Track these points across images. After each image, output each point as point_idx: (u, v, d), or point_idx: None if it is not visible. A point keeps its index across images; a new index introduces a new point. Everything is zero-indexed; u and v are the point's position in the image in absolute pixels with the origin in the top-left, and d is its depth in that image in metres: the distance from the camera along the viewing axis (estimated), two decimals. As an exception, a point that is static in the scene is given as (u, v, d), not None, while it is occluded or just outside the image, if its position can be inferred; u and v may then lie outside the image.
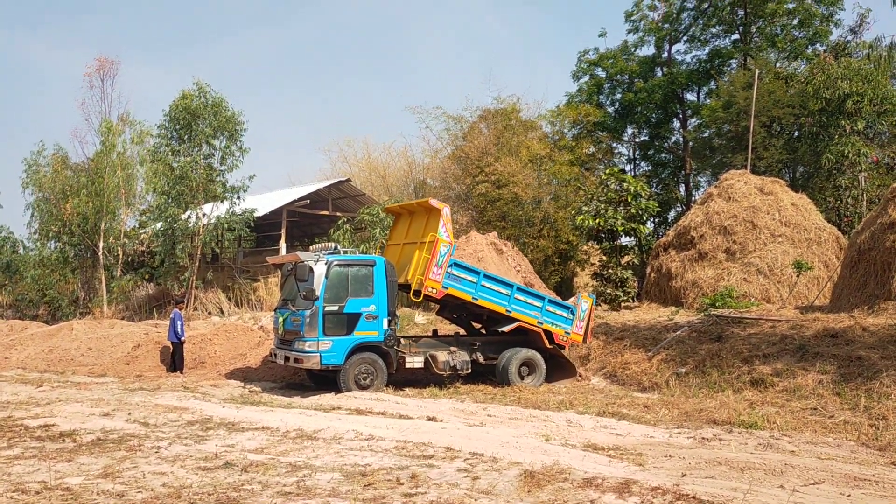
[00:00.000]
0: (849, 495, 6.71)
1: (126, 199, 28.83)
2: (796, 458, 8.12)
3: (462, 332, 16.28)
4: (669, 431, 9.80)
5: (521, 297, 14.76)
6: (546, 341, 14.79)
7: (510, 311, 14.49)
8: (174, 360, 16.75)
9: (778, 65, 33.16)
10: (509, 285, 14.81)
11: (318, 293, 13.12)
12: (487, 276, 14.63)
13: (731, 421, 10.40)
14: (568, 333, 15.07)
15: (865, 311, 15.08)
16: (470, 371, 14.57)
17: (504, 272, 20.52)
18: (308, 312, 13.16)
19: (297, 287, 13.40)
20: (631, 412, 11.33)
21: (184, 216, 24.79)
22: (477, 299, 14.22)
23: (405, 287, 14.32)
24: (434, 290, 13.72)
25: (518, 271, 23.11)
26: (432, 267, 13.61)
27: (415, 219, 15.24)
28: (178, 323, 16.62)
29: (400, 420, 10.58)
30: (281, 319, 14.06)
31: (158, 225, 26.06)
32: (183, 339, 16.69)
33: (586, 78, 38.29)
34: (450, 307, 15.84)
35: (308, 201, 30.29)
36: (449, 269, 13.86)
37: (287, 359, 13.61)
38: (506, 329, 14.69)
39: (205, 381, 15.28)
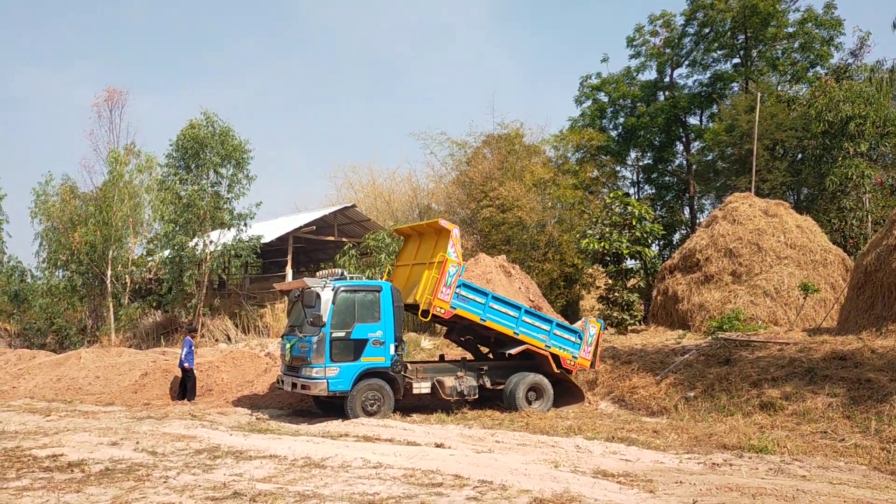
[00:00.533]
0: (861, 521, 6.68)
1: (134, 228, 28.98)
2: (808, 483, 8.07)
3: (469, 356, 16.25)
4: (679, 457, 9.76)
5: (529, 320, 14.76)
6: (553, 365, 14.77)
7: (518, 334, 14.48)
8: (183, 387, 16.72)
9: (779, 88, 33.34)
10: (517, 307, 14.81)
11: (325, 319, 13.15)
12: (496, 298, 14.65)
13: (741, 445, 10.35)
14: (576, 358, 15.07)
15: (874, 333, 15.03)
16: (477, 396, 14.54)
17: (512, 295, 20.54)
18: (315, 339, 13.18)
19: (305, 313, 13.43)
20: (640, 437, 11.28)
21: (191, 243, 24.93)
22: (485, 321, 14.23)
23: (413, 307, 14.32)
24: (442, 311, 13.74)
25: (526, 294, 23.13)
26: (441, 287, 13.64)
27: (424, 240, 15.30)
28: (184, 350, 16.60)
29: (408, 447, 10.55)
30: (288, 346, 14.08)
31: (166, 252, 26.18)
32: (186, 365, 16.56)
33: (589, 102, 38.53)
34: (457, 329, 15.84)
35: (314, 227, 30.42)
36: (457, 290, 13.89)
37: (294, 385, 13.62)
38: (513, 351, 14.68)
39: (212, 408, 15.27)
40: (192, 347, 16.79)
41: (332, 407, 14.06)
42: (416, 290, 14.20)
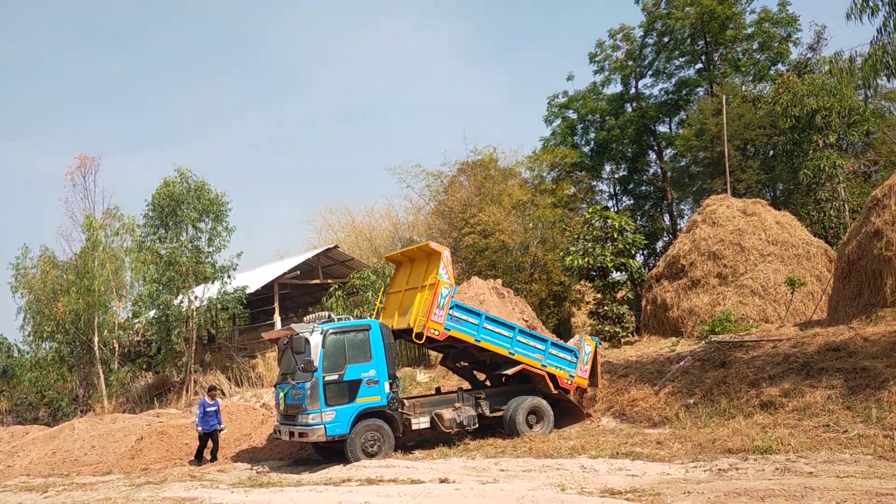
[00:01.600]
0: (872, 513, 6.64)
1: (117, 291, 28.69)
2: (815, 479, 8.03)
3: (466, 385, 16.15)
4: (685, 466, 9.70)
5: (524, 340, 14.70)
6: (551, 385, 14.70)
7: (513, 354, 14.42)
8: (201, 449, 15.87)
9: (744, 88, 33.85)
10: (511, 327, 14.77)
11: (316, 364, 13.03)
12: (489, 319, 14.61)
13: (745, 448, 10.31)
14: (572, 377, 15.01)
15: (864, 321, 15.10)
16: (477, 425, 14.42)
17: (506, 316, 20.49)
18: (308, 384, 13.05)
19: (295, 360, 13.31)
20: (644, 450, 11.21)
21: (176, 301, 24.72)
22: (479, 341, 14.17)
23: (407, 332, 14.23)
24: (436, 332, 13.66)
25: (521, 316, 23.10)
26: (434, 309, 13.59)
27: (415, 265, 15.27)
28: (199, 411, 15.78)
29: (412, 485, 10.42)
30: (282, 395, 13.92)
31: (152, 313, 25.93)
32: (199, 429, 15.74)
33: (559, 121, 38.90)
34: (452, 354, 15.74)
35: (298, 272, 30.27)
36: (451, 312, 13.85)
37: (292, 434, 13.44)
38: (509, 372, 14.62)
39: (211, 467, 15.03)
40: (207, 409, 15.74)
41: (333, 452, 13.89)
42: (410, 315, 14.14)
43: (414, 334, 13.82)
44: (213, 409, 15.68)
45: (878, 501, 6.94)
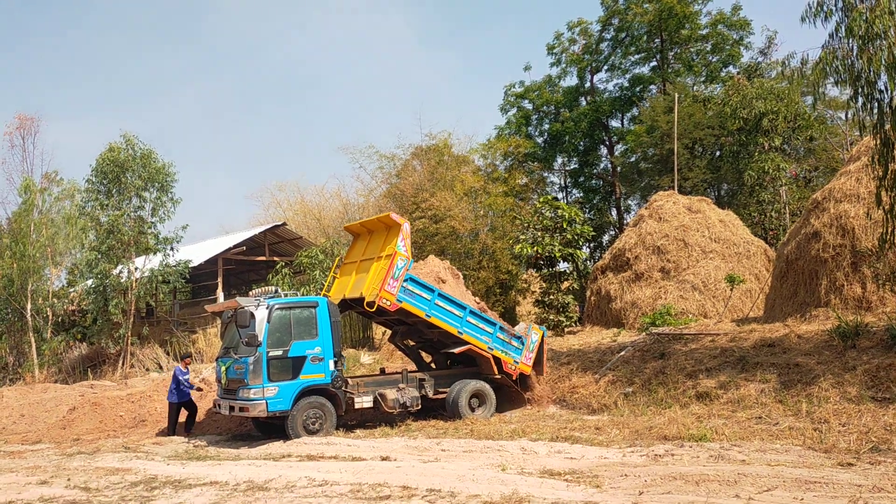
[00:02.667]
0: (802, 499, 6.86)
1: (53, 258, 27.80)
2: (748, 466, 8.27)
3: (411, 368, 16.15)
4: (622, 451, 9.88)
5: (474, 321, 14.74)
6: (495, 368, 14.78)
7: (462, 333, 14.44)
8: (173, 421, 15.27)
9: (695, 88, 34.53)
10: (462, 307, 14.80)
11: (260, 339, 12.84)
12: (442, 296, 14.60)
13: (681, 436, 10.55)
14: (517, 363, 15.10)
15: (798, 319, 15.59)
16: (420, 407, 14.43)
17: (459, 296, 20.52)
18: (251, 359, 12.85)
19: (239, 334, 13.09)
20: (583, 435, 11.38)
21: (115, 271, 24.09)
22: (430, 317, 14.16)
23: (359, 301, 14.14)
24: (388, 303, 13.60)
25: (474, 299, 23.16)
26: (388, 279, 13.53)
27: (374, 237, 15.17)
28: (174, 381, 15.15)
29: (353, 462, 10.38)
30: (223, 368, 13.70)
31: (89, 282, 25.21)
32: (170, 400, 15.11)
33: (514, 111, 39.10)
34: (401, 332, 15.69)
35: (244, 248, 29.79)
36: (404, 284, 13.81)
37: (232, 408, 13.23)
38: (456, 350, 14.66)
39: (147, 439, 14.71)
40: (184, 377, 15.16)
41: (273, 428, 13.73)
42: (363, 284, 14.04)
43: (366, 302, 13.72)
44: (186, 377, 15.32)
45: (807, 489, 7.17)
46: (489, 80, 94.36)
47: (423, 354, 16.36)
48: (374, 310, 13.91)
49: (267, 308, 13.09)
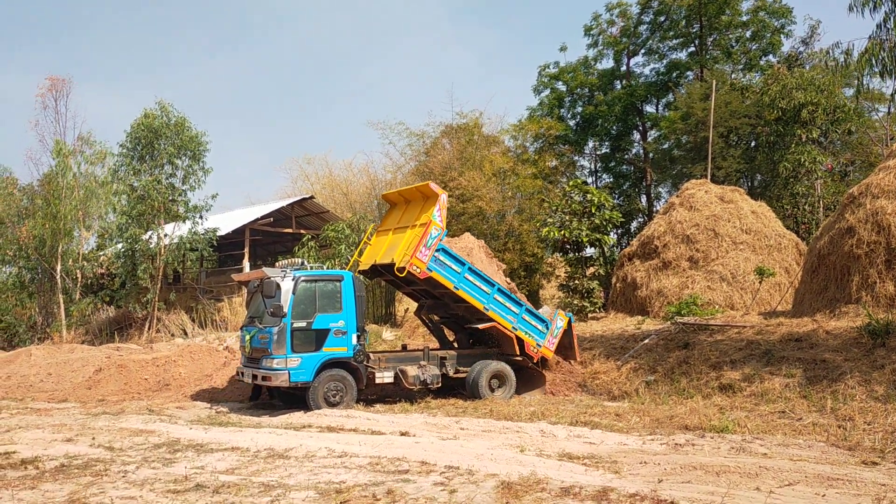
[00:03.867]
0: (823, 495, 6.77)
1: (84, 221, 28.18)
2: (769, 460, 8.18)
3: (433, 345, 16.17)
4: (642, 438, 9.82)
5: (501, 299, 14.68)
6: (517, 349, 14.72)
7: (487, 310, 14.40)
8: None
9: (733, 76, 33.92)
10: (491, 284, 14.74)
11: (285, 309, 12.93)
12: (472, 270, 14.56)
13: (702, 426, 10.47)
14: (540, 346, 15.02)
15: (827, 315, 15.34)
16: (440, 385, 14.46)
17: (490, 275, 20.53)
18: (276, 329, 12.96)
19: (264, 304, 13.19)
20: (603, 421, 11.33)
21: (145, 236, 24.38)
22: (458, 289, 14.13)
23: (389, 267, 14.19)
24: (418, 270, 13.61)
25: (505, 280, 23.19)
26: (420, 247, 13.56)
27: (410, 207, 15.18)
28: None
29: (373, 436, 10.45)
30: (248, 337, 13.82)
31: (119, 246, 25.55)
32: None
33: (547, 92, 38.74)
34: (427, 306, 15.66)
35: (271, 219, 29.97)
36: (436, 254, 13.82)
37: (255, 377, 13.38)
38: (480, 327, 14.65)
39: (170, 403, 14.94)
40: None
41: (294, 399, 13.86)
42: (395, 251, 14.08)
43: (396, 268, 13.73)
44: None
45: (828, 485, 7.08)
46: (523, 60, 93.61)
47: (447, 332, 16.36)
48: (403, 275, 13.87)
49: (293, 279, 13.17)
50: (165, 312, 25.47)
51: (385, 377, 14.02)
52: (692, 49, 36.23)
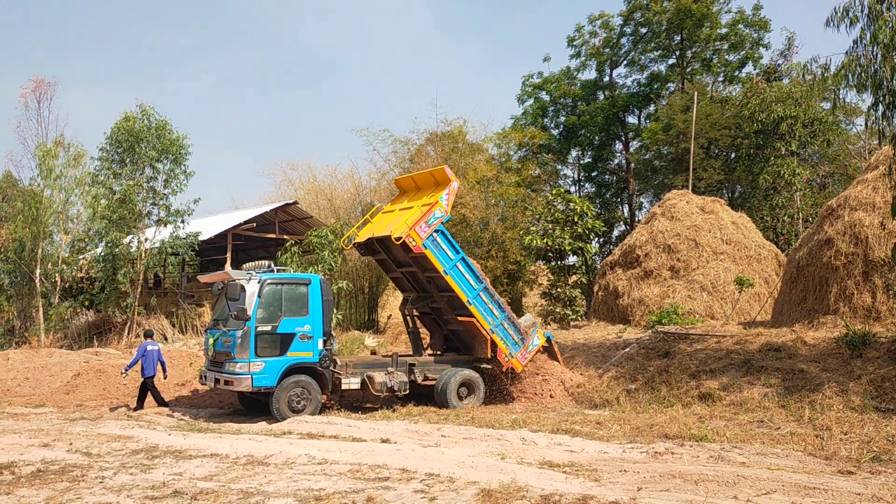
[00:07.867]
0: None
1: (63, 225, 27.91)
2: (747, 469, 8.25)
3: (402, 350, 16.10)
4: (623, 447, 9.87)
5: (485, 298, 14.59)
6: (489, 351, 14.59)
7: (470, 304, 14.31)
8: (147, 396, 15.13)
9: (713, 88, 34.30)
10: (480, 280, 14.65)
11: (249, 312, 12.77)
12: (465, 261, 14.48)
13: (681, 435, 10.54)
14: (511, 356, 14.79)
15: (806, 325, 15.52)
16: (408, 392, 14.34)
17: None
18: (239, 333, 12.78)
19: (229, 306, 13.08)
20: (584, 429, 11.38)
21: (125, 240, 24.19)
22: (447, 274, 14.10)
23: (384, 241, 14.21)
24: (413, 243, 13.61)
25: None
26: (421, 222, 13.64)
27: (419, 193, 15.26)
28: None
29: (353, 443, 10.43)
30: (211, 340, 13.66)
31: (99, 250, 25.33)
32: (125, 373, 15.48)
33: (531, 101, 38.94)
34: (412, 299, 15.52)
35: (254, 224, 29.81)
36: (434, 234, 13.87)
37: (217, 381, 13.14)
38: (460, 318, 14.64)
39: (149, 409, 14.82)
40: (144, 354, 14.91)
41: (257, 405, 13.74)
42: (395, 226, 14.10)
43: (393, 237, 13.69)
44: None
45: (805, 494, 7.16)
46: (507, 69, 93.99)
47: (424, 333, 16.25)
48: (398, 244, 13.78)
49: (258, 282, 13.04)
50: (145, 317, 25.26)
51: (352, 383, 13.79)
52: (672, 61, 36.61)
